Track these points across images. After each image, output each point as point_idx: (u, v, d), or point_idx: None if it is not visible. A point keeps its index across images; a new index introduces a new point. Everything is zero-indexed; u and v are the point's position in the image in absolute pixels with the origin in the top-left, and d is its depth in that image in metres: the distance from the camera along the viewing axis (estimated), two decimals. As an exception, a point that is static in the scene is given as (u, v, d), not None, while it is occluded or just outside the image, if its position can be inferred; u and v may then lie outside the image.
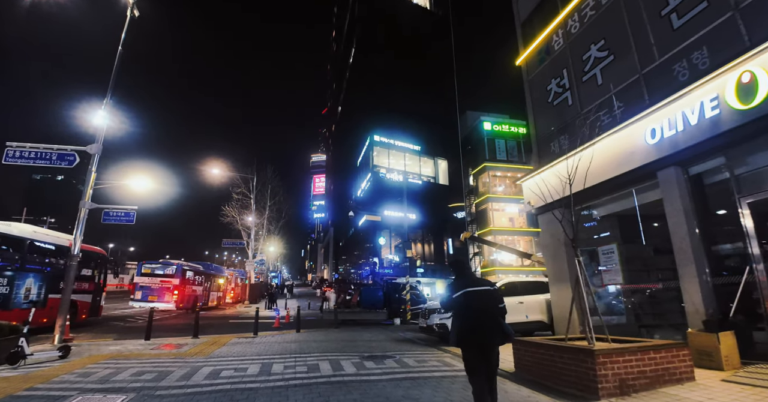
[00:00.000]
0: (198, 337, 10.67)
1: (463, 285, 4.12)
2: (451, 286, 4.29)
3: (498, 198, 42.69)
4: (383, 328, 13.59)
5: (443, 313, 9.01)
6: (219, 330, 13.61)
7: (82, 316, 13.54)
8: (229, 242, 31.93)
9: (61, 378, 5.86)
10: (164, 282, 20.55)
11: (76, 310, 12.98)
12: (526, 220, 43.06)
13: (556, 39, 10.15)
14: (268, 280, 49.12)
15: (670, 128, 6.82)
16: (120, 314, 19.29)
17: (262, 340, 10.41)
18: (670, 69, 7.20)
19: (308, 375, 5.99)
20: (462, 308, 4.05)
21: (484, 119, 44.43)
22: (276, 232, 40.55)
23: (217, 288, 27.65)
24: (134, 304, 20.11)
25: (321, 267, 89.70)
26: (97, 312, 14.59)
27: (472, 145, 45.04)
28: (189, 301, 21.85)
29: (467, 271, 4.40)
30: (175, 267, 21.07)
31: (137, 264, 22.05)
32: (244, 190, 33.23)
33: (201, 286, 24.05)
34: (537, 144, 10.81)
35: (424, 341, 10.08)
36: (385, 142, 36.06)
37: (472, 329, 3.91)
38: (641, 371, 4.90)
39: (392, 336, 11.27)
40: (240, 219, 33.14)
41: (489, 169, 42.85)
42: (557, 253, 9.42)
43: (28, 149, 10.45)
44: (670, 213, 6.97)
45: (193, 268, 23.17)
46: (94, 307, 14.28)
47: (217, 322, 16.89)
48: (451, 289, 4.24)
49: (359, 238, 40.27)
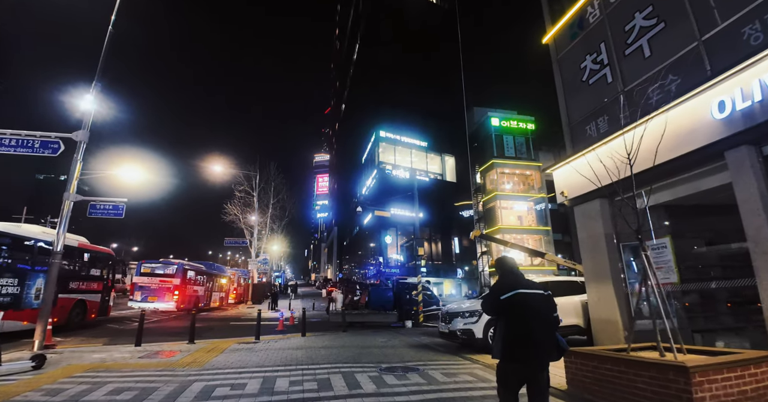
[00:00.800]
0: (194, 343, 9.71)
1: (511, 285, 3.22)
2: (497, 287, 3.35)
3: (506, 195, 41.56)
4: (395, 332, 12.60)
5: (468, 318, 8.01)
6: (219, 333, 12.67)
7: (92, 316, 13.63)
8: (231, 241, 31.03)
9: (24, 396, 4.89)
10: (164, 282, 19.73)
11: (86, 310, 13.19)
12: (535, 218, 41.92)
13: (591, 11, 9.11)
14: (271, 280, 48.30)
15: (744, 100, 5.77)
16: (118, 315, 18.41)
17: (265, 345, 9.44)
18: (739, 32, 6.15)
19: (319, 395, 5.00)
20: (511, 314, 3.15)
21: (492, 115, 43.32)
22: (279, 231, 39.66)
23: (219, 288, 26.86)
24: (133, 305, 19.26)
25: (325, 267, 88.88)
26: (106, 311, 14.67)
27: (480, 142, 43.93)
28: (190, 302, 21.02)
29: (516, 269, 3.46)
30: (176, 266, 20.24)
31: (137, 263, 21.20)
32: (247, 187, 32.37)
33: (203, 286, 23.24)
34: (570, 128, 9.76)
35: (443, 348, 9.08)
36: (391, 138, 35.00)
37: (523, 340, 3.04)
38: (742, 392, 3.88)
39: (407, 341, 10.28)
40: (243, 217, 32.26)
41: (497, 166, 41.75)
42: (597, 248, 8.38)
43: (9, 136, 9.54)
44: (743, 199, 5.92)
45: (194, 267, 22.35)
46: (103, 307, 14.35)
47: (217, 324, 15.96)
48: (496, 289, 3.30)
49: (364, 236, 39.30)
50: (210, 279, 24.76)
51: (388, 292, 15.62)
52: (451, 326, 8.21)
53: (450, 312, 8.69)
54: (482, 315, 7.80)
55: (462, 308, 8.28)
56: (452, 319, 8.28)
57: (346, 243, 57.63)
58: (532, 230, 40.35)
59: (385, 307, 15.22)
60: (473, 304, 8.53)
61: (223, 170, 29.55)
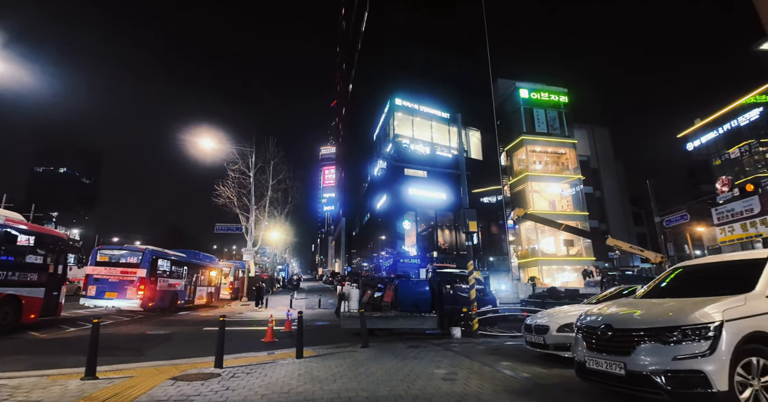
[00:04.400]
0: (95, 377, 5.23)
1: None
2: None
3: (539, 176, 36.69)
4: (444, 348, 8.03)
5: (688, 342, 3.33)
6: (174, 348, 8.34)
7: (31, 316, 10.49)
8: (223, 227, 26.65)
9: None
10: (126, 273, 15.27)
11: (20, 310, 10.08)
12: (571, 202, 36.99)
13: None
14: (273, 273, 44.01)
15: None
16: (72, 315, 14.22)
17: (222, 387, 4.91)
18: None
19: None
20: None
21: (521, 86, 38.34)
22: (282, 218, 35.20)
23: (207, 282, 22.48)
24: (86, 303, 14.87)
25: (332, 260, 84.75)
26: (55, 311, 11.58)
27: (506, 118, 38.95)
28: (164, 299, 16.63)
29: None
30: (142, 254, 15.74)
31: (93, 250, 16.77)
32: (242, 166, 27.83)
33: (182, 279, 18.86)
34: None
35: (563, 390, 4.58)
36: (408, 108, 30.07)
37: None
38: None
39: (481, 372, 5.73)
40: (237, 201, 27.78)
41: (527, 143, 36.83)
42: None
43: None
44: None
45: (169, 255, 17.84)
46: (48, 305, 11.17)
47: (185, 330, 11.52)
48: None
49: (376, 224, 34.72)
50: (194, 271, 20.35)
51: (422, 286, 11.04)
52: (639, 361, 3.48)
53: (623, 329, 3.87)
54: (720, 335, 3.15)
55: (657, 322, 3.55)
56: (631, 347, 3.54)
57: (354, 233, 53.19)
58: (566, 216, 35.37)
59: (420, 307, 10.65)
60: (632, 309, 3.92)
61: (218, 146, 25.14)
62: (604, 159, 46.45)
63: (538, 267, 34.51)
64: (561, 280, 34.85)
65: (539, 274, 33.71)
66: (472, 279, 10.12)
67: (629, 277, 20.21)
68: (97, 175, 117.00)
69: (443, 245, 31.82)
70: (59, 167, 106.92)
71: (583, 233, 19.76)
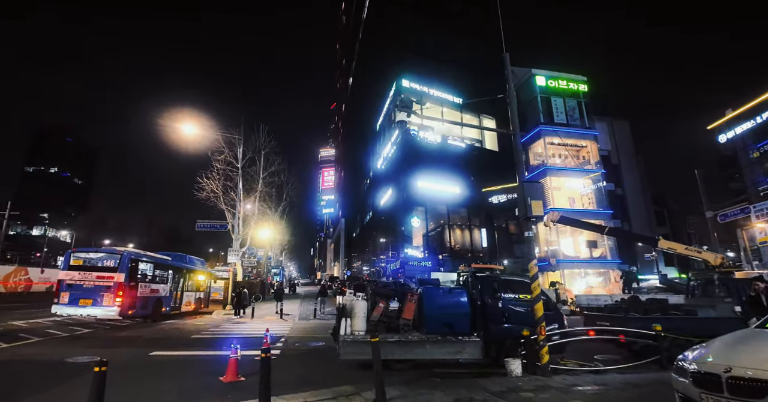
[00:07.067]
0: None
1: None
2: None
3: (558, 170, 33.38)
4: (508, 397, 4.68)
5: None
6: (70, 394, 4.98)
7: None
8: (205, 224, 23.33)
9: None
10: (102, 278, 12.91)
11: None
12: (593, 198, 33.67)
13: None
14: (268, 277, 40.58)
15: None
16: (30, 326, 11.00)
17: None
18: None
19: None
20: None
21: (537, 73, 35.06)
22: (276, 216, 31.85)
23: (195, 287, 19.86)
24: (59, 311, 12.63)
25: (331, 264, 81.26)
26: None
27: (521, 107, 35.67)
28: (146, 306, 14.39)
29: None
30: (120, 257, 13.33)
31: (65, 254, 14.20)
32: (229, 156, 24.55)
33: (166, 284, 16.44)
34: None
35: None
36: (417, 90, 26.82)
37: None
38: None
39: None
40: (223, 195, 24.47)
41: (545, 134, 33.47)
42: None
43: None
44: None
45: (151, 259, 15.41)
46: None
47: (126, 354, 8.13)
48: None
49: (379, 223, 31.44)
50: (180, 275, 17.83)
51: (458, 297, 7.74)
52: None
53: None
54: None
55: None
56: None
57: (355, 235, 49.87)
58: (589, 213, 31.95)
59: (455, 326, 7.36)
60: None
61: (207, 134, 21.91)
62: (624, 154, 43.26)
63: (560, 270, 31.13)
64: (581, 285, 31.62)
65: (561, 278, 30.34)
66: (537, 287, 6.80)
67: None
68: (91, 175, 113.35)
69: (455, 246, 28.48)
70: (50, 167, 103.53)
71: (631, 236, 16.63)
